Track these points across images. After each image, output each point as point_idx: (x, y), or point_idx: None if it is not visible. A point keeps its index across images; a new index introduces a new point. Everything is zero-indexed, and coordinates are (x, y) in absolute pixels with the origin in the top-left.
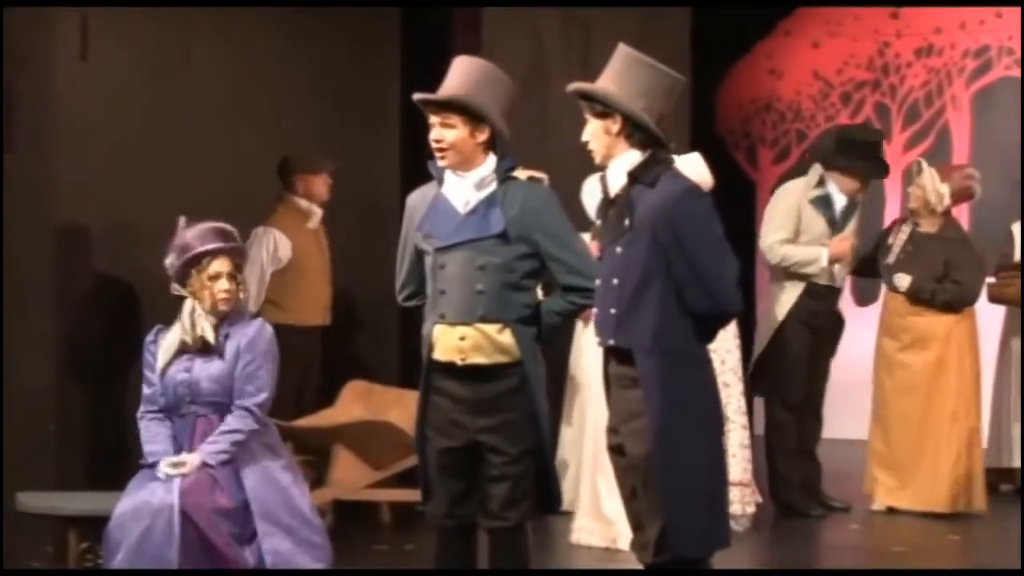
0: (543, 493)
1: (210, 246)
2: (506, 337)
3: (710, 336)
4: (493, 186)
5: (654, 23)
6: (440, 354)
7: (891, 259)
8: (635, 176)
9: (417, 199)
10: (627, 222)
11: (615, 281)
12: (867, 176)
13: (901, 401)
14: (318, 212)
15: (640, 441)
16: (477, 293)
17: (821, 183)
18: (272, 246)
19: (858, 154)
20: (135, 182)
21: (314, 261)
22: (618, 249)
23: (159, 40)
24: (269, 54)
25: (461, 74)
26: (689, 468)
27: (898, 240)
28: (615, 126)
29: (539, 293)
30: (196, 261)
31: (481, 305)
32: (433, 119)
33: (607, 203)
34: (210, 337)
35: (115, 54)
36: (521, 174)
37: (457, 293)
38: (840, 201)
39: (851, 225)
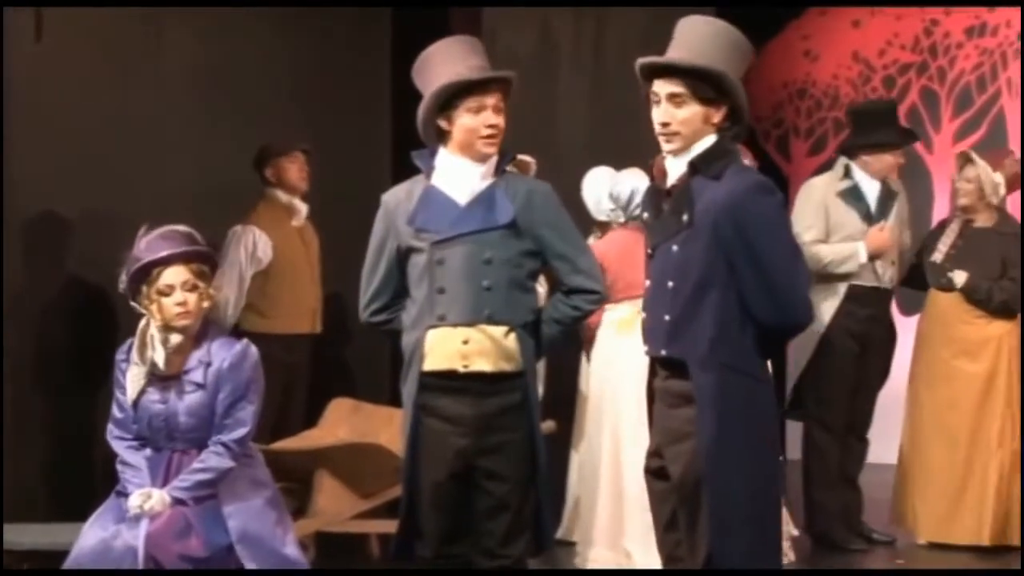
0: (538, 527)
1: (159, 255)
2: (511, 342)
3: (774, 350)
4: (492, 178)
5: (675, 6)
6: (436, 362)
7: (939, 256)
8: (696, 166)
9: (400, 196)
10: (686, 217)
11: (670, 284)
12: (892, 144)
13: (945, 419)
14: (302, 207)
15: (688, 465)
16: (485, 290)
17: (847, 174)
18: (251, 245)
19: (874, 126)
20: (100, 177)
21: (299, 262)
22: (674, 247)
23: (125, 21)
24: (249, 42)
25: (482, 52)
26: (742, 497)
27: (947, 236)
28: (718, 115)
29: (542, 294)
30: (144, 274)
31: (488, 303)
32: (486, 101)
33: (660, 194)
34: (160, 361)
35: (75, 36)
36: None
37: (461, 290)
38: (872, 190)
39: (891, 217)
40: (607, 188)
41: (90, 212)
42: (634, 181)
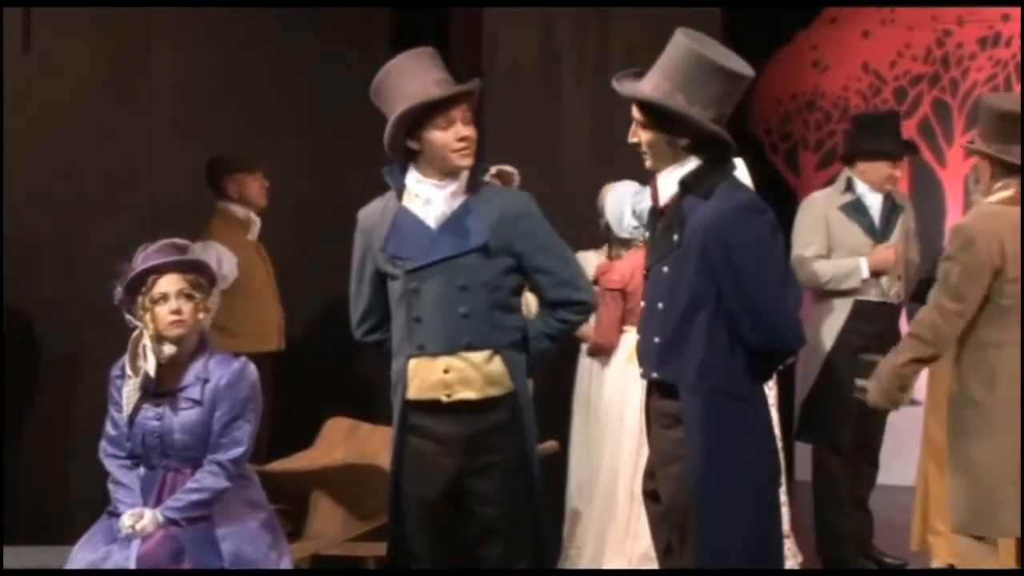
0: (537, 555)
1: (152, 263)
2: (496, 366)
3: (766, 373)
4: (464, 195)
5: (682, 7)
6: (418, 392)
7: None
8: (687, 186)
9: (374, 215)
10: (676, 237)
11: (660, 305)
12: (891, 153)
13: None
14: (257, 221)
15: (677, 488)
16: (462, 317)
17: (849, 188)
18: (215, 262)
19: (873, 134)
20: (89, 189)
21: (261, 277)
22: (665, 268)
23: (115, 31)
24: (241, 53)
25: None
26: (734, 523)
27: None
28: (683, 141)
29: (532, 304)
30: (140, 282)
31: (467, 331)
32: (453, 114)
33: (655, 214)
34: (151, 371)
35: (65, 47)
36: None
37: (438, 319)
38: (875, 202)
39: (896, 232)
40: (630, 204)
41: (77, 223)
42: (625, 190)
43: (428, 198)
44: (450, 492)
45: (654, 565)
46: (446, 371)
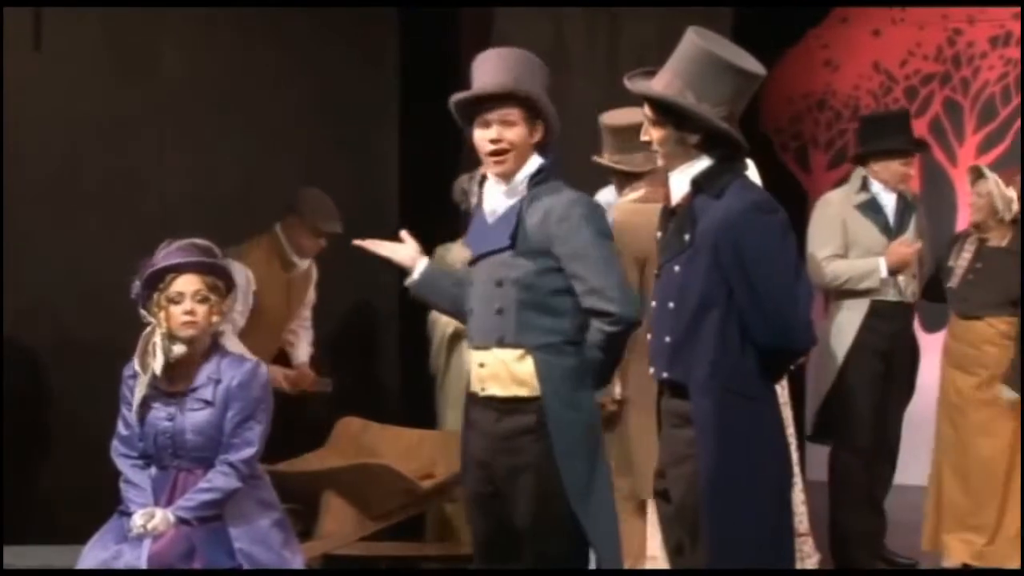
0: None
1: (173, 261)
2: (526, 367)
3: (778, 374)
4: (521, 194)
5: (692, 7)
6: (469, 382)
7: (955, 281)
8: (699, 185)
9: None
10: (687, 237)
11: (671, 305)
12: (899, 151)
13: (982, 443)
14: (302, 264)
15: (687, 488)
16: (496, 313)
17: (864, 187)
18: (244, 283)
19: (883, 133)
20: (95, 190)
21: (272, 316)
22: (676, 268)
23: (124, 32)
24: (249, 53)
25: (507, 65)
26: (745, 523)
27: (962, 258)
28: (693, 138)
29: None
30: (158, 279)
31: (500, 327)
32: (488, 117)
33: (667, 214)
34: (159, 369)
35: (75, 46)
36: None
37: (479, 313)
38: (890, 201)
39: (911, 230)
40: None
41: (82, 223)
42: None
43: (489, 192)
44: (488, 487)
45: (650, 560)
46: (481, 365)
